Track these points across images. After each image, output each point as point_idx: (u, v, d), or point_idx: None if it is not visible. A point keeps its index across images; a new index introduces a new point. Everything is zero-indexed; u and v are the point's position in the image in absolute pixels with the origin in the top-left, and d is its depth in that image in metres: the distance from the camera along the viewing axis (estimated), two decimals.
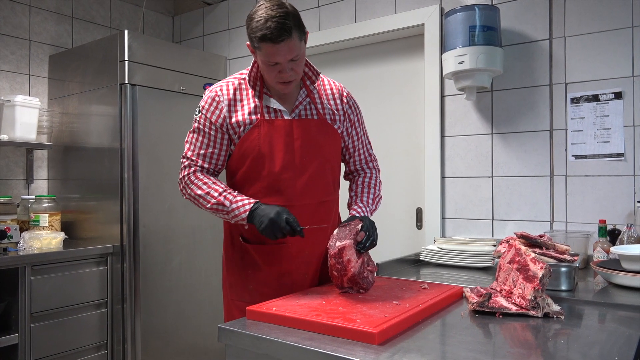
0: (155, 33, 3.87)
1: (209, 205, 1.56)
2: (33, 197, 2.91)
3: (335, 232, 1.51)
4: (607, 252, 1.95)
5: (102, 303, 2.75)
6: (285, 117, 1.61)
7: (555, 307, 1.31)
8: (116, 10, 3.61)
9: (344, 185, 1.84)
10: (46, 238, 2.64)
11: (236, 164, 1.62)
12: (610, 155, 2.24)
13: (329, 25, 3.10)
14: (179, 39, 3.95)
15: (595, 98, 2.28)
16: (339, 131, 1.71)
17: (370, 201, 1.72)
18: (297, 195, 1.61)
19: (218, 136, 1.60)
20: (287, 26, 1.42)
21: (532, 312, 1.28)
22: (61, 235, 2.72)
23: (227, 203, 1.54)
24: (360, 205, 1.69)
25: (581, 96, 2.31)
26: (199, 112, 1.62)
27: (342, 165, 1.83)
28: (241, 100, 1.60)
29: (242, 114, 1.59)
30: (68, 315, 2.59)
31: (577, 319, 1.31)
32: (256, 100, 1.60)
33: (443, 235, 2.67)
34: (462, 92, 2.53)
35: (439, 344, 1.12)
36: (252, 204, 1.52)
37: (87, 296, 2.68)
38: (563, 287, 1.58)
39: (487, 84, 2.41)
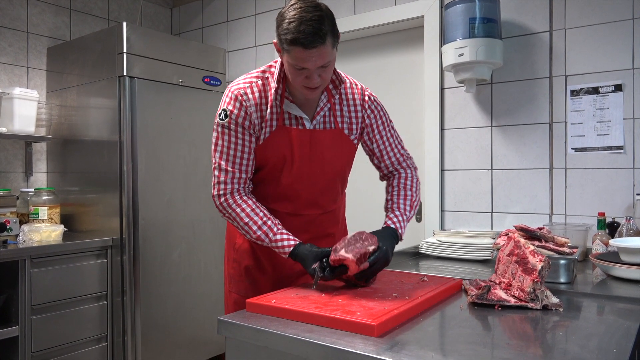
0: (154, 25, 3.85)
1: (251, 235, 1.52)
2: (32, 189, 2.91)
3: (351, 236, 1.42)
4: (606, 244, 1.95)
5: (102, 295, 2.76)
6: (306, 125, 1.56)
7: (554, 300, 1.31)
8: (114, 2, 3.59)
9: (350, 185, 1.81)
10: (46, 231, 2.65)
11: (255, 166, 1.59)
12: (610, 148, 2.24)
13: None
14: (178, 31, 3.93)
15: (595, 90, 2.27)
16: (355, 141, 1.66)
17: (408, 207, 1.64)
18: (305, 205, 1.61)
19: (252, 140, 1.53)
20: (322, 32, 1.33)
21: (530, 305, 1.28)
22: (61, 228, 2.72)
23: (266, 240, 1.50)
24: (397, 214, 1.61)
25: (581, 88, 2.30)
26: (227, 116, 1.51)
27: (369, 168, 1.79)
28: (265, 104, 1.53)
29: (266, 118, 1.52)
30: (68, 308, 2.60)
31: (576, 311, 1.31)
32: (277, 104, 1.53)
33: (442, 227, 2.67)
34: (462, 85, 2.52)
35: (438, 336, 1.13)
36: (294, 243, 1.48)
37: (87, 289, 2.68)
38: (562, 280, 1.58)
39: (487, 76, 2.40)
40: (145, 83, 2.85)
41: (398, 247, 2.29)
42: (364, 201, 2.93)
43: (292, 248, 1.47)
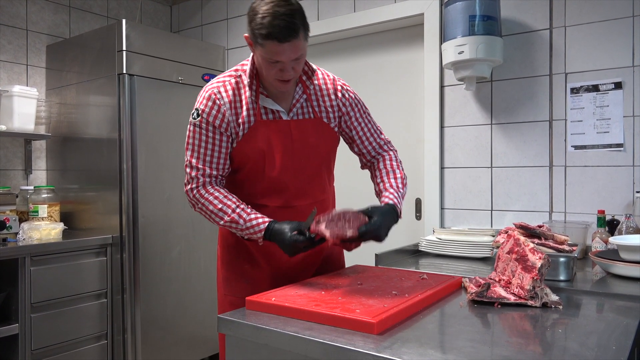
0: (153, 23, 3.84)
1: (222, 222, 1.52)
2: (32, 187, 2.91)
3: (336, 213, 1.40)
4: (606, 242, 1.96)
5: (101, 293, 2.76)
6: (283, 117, 1.58)
7: (554, 297, 1.31)
8: (114, 0, 3.59)
9: (338, 176, 1.81)
10: (45, 229, 2.64)
11: (237, 164, 1.60)
12: (610, 146, 2.24)
13: (328, 14, 3.08)
14: (177, 28, 3.92)
15: (595, 88, 2.27)
16: (335, 129, 1.68)
17: (400, 185, 1.63)
18: (294, 196, 1.61)
19: (223, 139, 1.54)
20: (295, 26, 1.37)
21: (530, 302, 1.28)
22: (60, 226, 2.72)
23: (240, 222, 1.49)
24: (392, 191, 1.59)
25: (581, 86, 2.30)
26: (199, 115, 1.53)
27: (349, 157, 1.79)
28: (240, 101, 1.54)
29: (242, 115, 1.54)
30: (68, 306, 2.60)
31: (576, 308, 1.32)
32: (253, 100, 1.55)
33: (442, 225, 2.67)
34: (462, 82, 2.52)
35: (438, 334, 1.13)
36: (266, 224, 1.48)
37: (87, 287, 2.68)
38: (561, 277, 1.58)
39: (487, 74, 2.40)
40: (145, 81, 2.85)
41: (398, 245, 2.30)
42: (354, 197, 2.93)
43: (267, 224, 1.48)
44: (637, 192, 2.10)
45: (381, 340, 1.04)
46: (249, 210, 1.52)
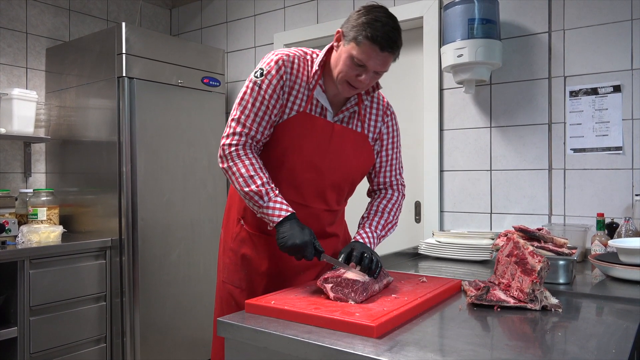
0: (153, 26, 3.85)
1: (247, 189, 1.46)
2: (31, 190, 2.91)
3: (346, 278, 1.31)
4: (605, 245, 1.96)
5: (101, 296, 2.76)
6: (328, 117, 1.56)
7: (553, 300, 1.31)
8: (113, 3, 3.59)
9: (356, 194, 1.79)
10: (44, 232, 2.64)
11: (269, 146, 1.57)
12: (609, 149, 2.24)
13: (328, 17, 3.09)
14: (177, 31, 3.93)
15: (594, 91, 2.27)
16: (374, 151, 1.67)
17: (380, 227, 1.63)
18: (311, 197, 1.59)
19: (277, 107, 1.50)
20: (397, 43, 1.41)
21: (530, 305, 1.28)
22: (59, 229, 2.72)
23: (265, 198, 1.45)
24: (367, 231, 1.60)
25: (580, 89, 2.30)
26: (262, 75, 1.49)
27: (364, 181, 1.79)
28: (299, 82, 1.52)
29: (295, 96, 1.52)
30: (67, 309, 2.60)
31: (575, 311, 1.32)
32: (309, 89, 1.53)
33: (441, 228, 2.67)
34: (461, 85, 2.52)
35: (437, 337, 1.13)
36: (288, 214, 1.44)
37: (86, 290, 2.68)
38: (561, 280, 1.58)
39: (486, 77, 2.40)
40: (145, 84, 2.85)
41: (397, 248, 2.30)
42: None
43: (290, 213, 1.44)
44: (636, 195, 2.10)
45: (380, 343, 1.04)
46: (277, 191, 1.48)
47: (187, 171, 3.06)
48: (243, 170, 1.47)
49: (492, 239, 2.14)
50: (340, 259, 1.44)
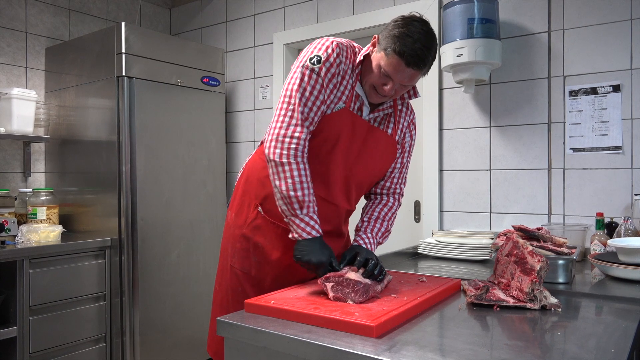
0: (153, 25, 3.85)
1: (293, 193, 1.41)
2: (31, 190, 2.90)
3: (349, 280, 1.31)
4: (604, 244, 1.96)
5: (100, 296, 2.76)
6: (364, 112, 1.55)
7: (553, 300, 1.31)
8: (113, 3, 3.59)
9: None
10: (44, 231, 2.64)
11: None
12: (608, 148, 2.24)
13: (327, 17, 3.09)
14: (177, 31, 3.93)
15: (593, 91, 2.27)
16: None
17: (380, 234, 1.64)
18: (339, 196, 1.59)
19: (331, 96, 1.48)
20: (426, 60, 1.39)
21: (529, 305, 1.28)
22: (59, 229, 2.72)
23: (304, 210, 1.42)
24: (369, 236, 1.61)
25: (579, 89, 2.30)
26: (320, 62, 1.45)
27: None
28: (349, 71, 1.50)
29: (344, 85, 1.50)
30: (66, 309, 2.59)
31: (574, 311, 1.32)
32: (352, 82, 1.52)
33: (441, 228, 2.67)
34: (461, 85, 2.52)
35: (437, 337, 1.13)
36: (318, 234, 1.43)
37: (86, 289, 2.68)
38: (560, 280, 1.58)
39: (486, 76, 2.40)
40: (144, 83, 2.85)
41: (397, 248, 2.30)
42: None
43: (319, 234, 1.43)
44: (636, 194, 2.11)
45: (380, 343, 1.04)
46: (316, 208, 1.46)
47: (187, 171, 3.06)
48: (295, 173, 1.43)
49: (492, 239, 2.14)
50: (343, 262, 1.44)
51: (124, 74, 2.76)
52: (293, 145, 1.43)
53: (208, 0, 3.71)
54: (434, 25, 2.67)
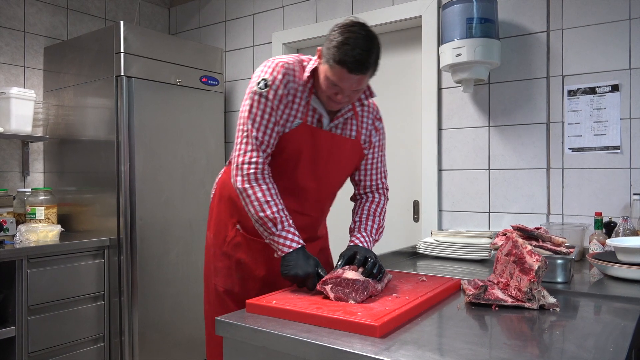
0: (151, 25, 3.84)
1: (262, 214, 1.45)
2: (29, 189, 2.90)
3: (345, 278, 1.32)
4: (603, 244, 1.96)
5: (99, 296, 2.75)
6: (324, 123, 1.58)
7: (551, 299, 1.31)
8: (112, 2, 3.58)
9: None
10: (43, 231, 2.64)
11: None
12: (607, 148, 2.24)
13: (326, 17, 3.09)
14: (175, 30, 3.92)
15: (592, 91, 2.28)
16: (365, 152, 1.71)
17: (374, 232, 1.66)
18: (312, 206, 1.63)
19: (283, 116, 1.51)
20: (368, 63, 1.41)
21: (527, 304, 1.28)
22: (58, 228, 2.71)
23: (278, 226, 1.45)
24: (364, 234, 1.63)
25: (578, 89, 2.31)
26: (267, 86, 1.49)
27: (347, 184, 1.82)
28: (298, 90, 1.53)
29: (297, 103, 1.53)
30: (65, 308, 2.59)
31: (573, 310, 1.32)
32: (306, 96, 1.54)
33: (440, 227, 2.67)
34: (459, 85, 2.52)
35: (436, 336, 1.13)
36: (299, 246, 1.45)
37: (84, 289, 2.68)
38: (559, 279, 1.58)
39: (484, 76, 2.40)
40: (143, 83, 2.85)
41: (396, 247, 2.30)
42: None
43: (300, 246, 1.45)
44: (634, 194, 2.11)
45: (379, 342, 1.04)
46: (291, 221, 1.48)
47: (186, 170, 3.06)
48: (260, 195, 1.47)
49: (491, 238, 2.15)
50: (341, 262, 1.44)
51: (122, 73, 2.76)
52: (252, 170, 1.48)
53: (207, 0, 3.71)
54: (433, 25, 2.67)
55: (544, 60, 2.39)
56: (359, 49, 1.38)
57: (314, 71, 1.53)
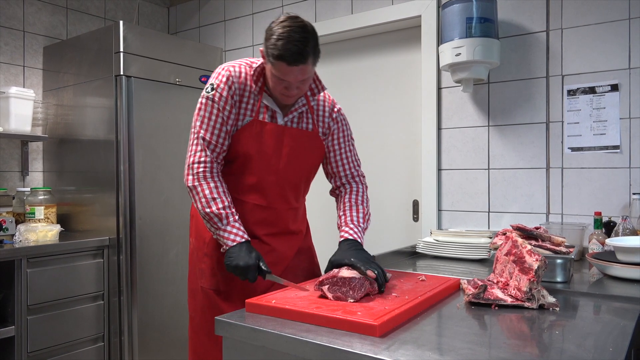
0: (151, 24, 3.84)
1: (208, 210, 1.53)
2: (28, 189, 2.90)
3: (343, 278, 1.31)
4: (603, 244, 1.96)
5: (98, 295, 2.75)
6: (278, 120, 1.64)
7: (551, 299, 1.31)
8: (111, 1, 3.58)
9: (313, 191, 1.86)
10: (42, 230, 2.64)
11: (228, 156, 1.65)
12: (606, 148, 2.24)
13: (326, 16, 3.09)
14: (175, 30, 3.92)
15: (591, 90, 2.28)
16: (326, 145, 1.76)
17: (361, 220, 1.69)
18: (274, 198, 1.67)
19: (231, 116, 1.60)
20: (305, 52, 1.45)
21: (527, 304, 1.28)
22: (57, 228, 2.71)
23: (224, 221, 1.53)
24: (352, 226, 1.65)
25: (577, 88, 2.31)
26: (213, 89, 1.59)
27: (324, 181, 1.86)
28: (248, 90, 1.61)
29: (245, 103, 1.61)
30: (65, 308, 2.59)
31: (572, 310, 1.32)
32: (255, 95, 1.62)
33: (439, 227, 2.67)
34: (459, 84, 2.52)
35: (435, 336, 1.13)
36: (242, 240, 1.52)
37: (84, 288, 2.67)
38: (558, 279, 1.58)
39: (484, 76, 2.40)
40: (142, 82, 2.85)
41: (395, 247, 2.30)
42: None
43: (244, 240, 1.52)
44: (634, 193, 2.11)
45: (378, 342, 1.04)
46: (237, 217, 1.56)
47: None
48: (207, 192, 1.55)
49: (490, 238, 2.15)
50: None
51: (122, 73, 2.76)
52: (201, 169, 1.57)
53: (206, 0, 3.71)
54: (433, 25, 2.67)
55: (543, 60, 2.39)
56: (294, 41, 1.44)
57: (264, 71, 1.60)
